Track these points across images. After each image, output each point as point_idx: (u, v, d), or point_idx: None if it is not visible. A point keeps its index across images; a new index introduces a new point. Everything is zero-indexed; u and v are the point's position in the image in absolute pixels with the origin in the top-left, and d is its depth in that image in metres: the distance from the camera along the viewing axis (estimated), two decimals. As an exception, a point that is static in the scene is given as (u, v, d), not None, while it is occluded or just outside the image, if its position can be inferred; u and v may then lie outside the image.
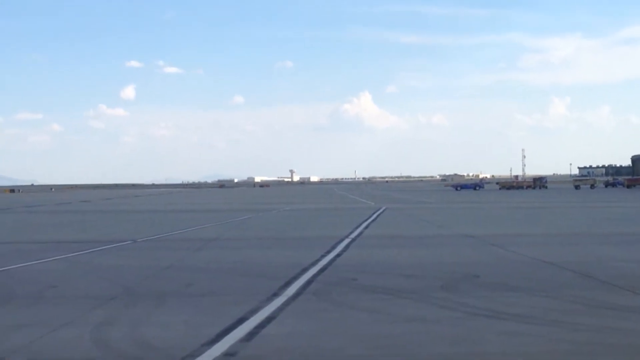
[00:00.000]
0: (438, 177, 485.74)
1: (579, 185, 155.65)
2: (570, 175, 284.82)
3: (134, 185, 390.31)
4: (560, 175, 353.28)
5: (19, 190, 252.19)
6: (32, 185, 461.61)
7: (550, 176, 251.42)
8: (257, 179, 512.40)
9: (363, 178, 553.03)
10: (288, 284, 18.76)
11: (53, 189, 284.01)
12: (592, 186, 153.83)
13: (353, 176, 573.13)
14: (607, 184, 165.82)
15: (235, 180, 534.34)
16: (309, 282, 19.08)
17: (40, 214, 69.68)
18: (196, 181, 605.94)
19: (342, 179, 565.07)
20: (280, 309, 15.25)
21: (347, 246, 29.30)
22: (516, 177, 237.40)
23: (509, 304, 15.46)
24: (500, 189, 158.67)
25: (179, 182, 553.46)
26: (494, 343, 12.12)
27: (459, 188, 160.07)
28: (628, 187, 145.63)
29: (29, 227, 49.23)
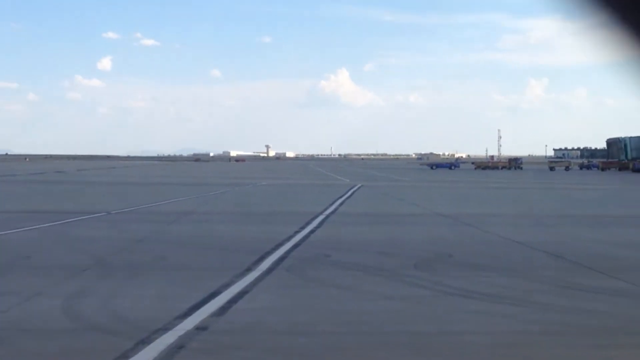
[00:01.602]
0: (414, 155, 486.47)
1: (554, 167, 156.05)
2: (546, 156, 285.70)
3: (109, 157, 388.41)
4: (535, 156, 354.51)
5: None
6: (7, 154, 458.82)
7: (525, 157, 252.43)
8: (233, 154, 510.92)
9: (339, 155, 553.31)
10: (262, 259, 18.77)
11: (28, 159, 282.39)
12: (567, 168, 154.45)
13: (329, 153, 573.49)
14: (582, 167, 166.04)
15: (211, 154, 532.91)
16: (282, 258, 19.09)
17: (14, 183, 69.30)
18: (172, 154, 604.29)
19: (318, 155, 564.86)
20: (253, 284, 15.26)
21: (322, 223, 29.34)
22: (492, 157, 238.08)
23: (481, 284, 15.54)
24: (475, 168, 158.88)
25: (155, 154, 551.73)
26: (465, 322, 12.18)
27: (434, 167, 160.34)
28: (602, 169, 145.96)
29: (2, 196, 49.00)
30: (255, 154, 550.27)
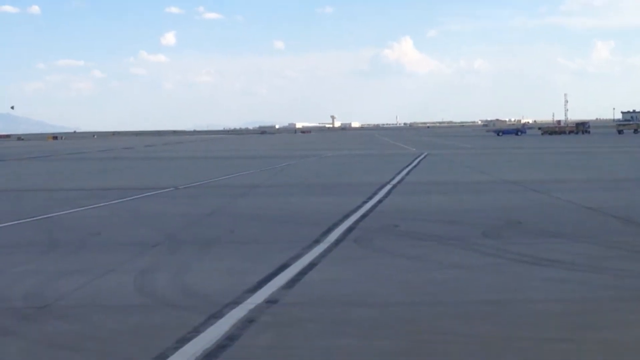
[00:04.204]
0: (480, 122, 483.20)
1: (622, 130, 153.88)
2: (614, 119, 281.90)
3: (175, 132, 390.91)
4: (603, 120, 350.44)
5: (61, 138, 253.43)
6: (75, 132, 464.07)
7: (593, 121, 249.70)
8: (299, 125, 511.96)
9: (404, 124, 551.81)
10: (329, 230, 18.77)
11: (95, 136, 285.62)
12: (636, 131, 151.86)
13: (394, 122, 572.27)
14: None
15: (277, 127, 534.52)
16: (350, 229, 19.06)
17: (83, 161, 70.06)
18: (238, 127, 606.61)
19: (384, 124, 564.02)
20: (322, 256, 15.26)
21: (389, 192, 29.25)
22: (558, 122, 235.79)
23: (551, 250, 15.37)
24: (542, 134, 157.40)
25: (221, 128, 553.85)
26: (537, 289, 12.06)
27: (500, 133, 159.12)
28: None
29: (72, 174, 49.53)
30: (321, 125, 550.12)
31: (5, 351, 9.39)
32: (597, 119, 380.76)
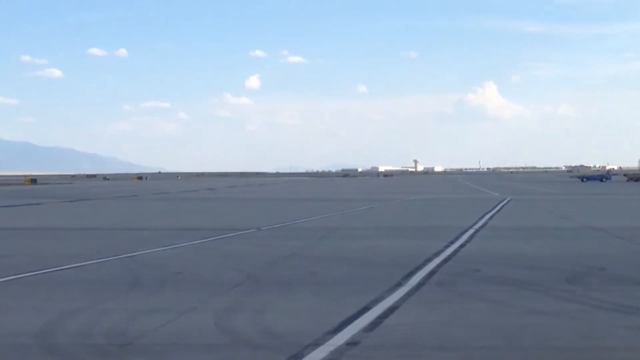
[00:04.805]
0: (564, 168, 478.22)
1: None
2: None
3: (258, 174, 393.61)
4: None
5: (146, 178, 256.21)
6: (159, 172, 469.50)
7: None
8: (381, 169, 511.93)
9: (487, 168, 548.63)
10: (411, 273, 18.72)
11: (179, 177, 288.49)
12: None
13: (477, 166, 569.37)
14: None
15: (359, 170, 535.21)
16: (432, 272, 19.02)
17: (167, 201, 70.81)
18: (320, 170, 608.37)
19: (466, 169, 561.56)
20: (403, 299, 15.22)
21: (471, 237, 29.10)
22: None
23: (636, 298, 15.15)
24: (627, 180, 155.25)
25: (303, 170, 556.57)
26: (621, 337, 11.89)
27: (585, 179, 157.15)
28: None
29: (156, 214, 50.08)
30: (404, 168, 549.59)
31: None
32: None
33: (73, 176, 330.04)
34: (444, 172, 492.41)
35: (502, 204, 56.11)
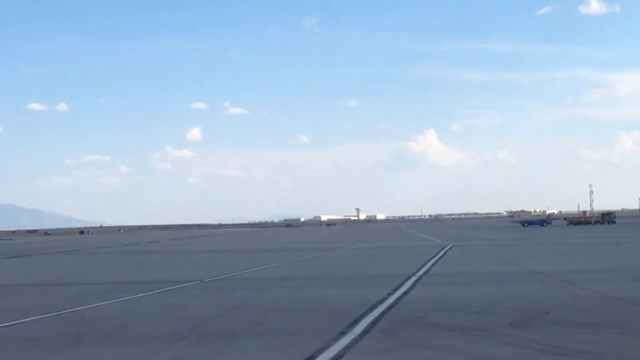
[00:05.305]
0: (505, 213, 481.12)
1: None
2: (639, 209, 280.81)
3: (201, 226, 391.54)
4: (629, 210, 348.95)
5: (88, 232, 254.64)
6: (101, 226, 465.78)
7: (618, 211, 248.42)
8: (324, 218, 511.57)
9: (429, 215, 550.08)
10: (355, 322, 18.70)
11: (121, 230, 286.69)
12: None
13: (419, 214, 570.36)
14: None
15: (302, 219, 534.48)
16: (376, 320, 19.01)
17: (109, 255, 70.27)
18: (263, 220, 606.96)
19: (409, 216, 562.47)
20: (348, 347, 15.19)
21: (414, 284, 29.16)
22: (584, 212, 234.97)
23: (580, 342, 15.25)
24: (568, 224, 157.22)
25: (246, 221, 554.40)
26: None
27: (526, 224, 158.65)
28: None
29: (98, 268, 49.62)
30: (346, 217, 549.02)
31: None
32: (622, 209, 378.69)
33: (14, 232, 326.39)
34: (387, 220, 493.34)
35: (444, 251, 56.38)
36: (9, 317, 21.86)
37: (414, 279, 31.38)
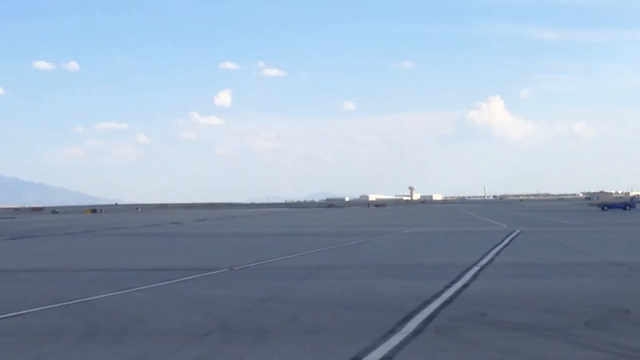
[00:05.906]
0: (581, 195, 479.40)
1: None
2: None
3: (230, 205, 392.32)
4: None
5: (101, 211, 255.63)
6: (116, 204, 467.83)
7: None
8: (372, 198, 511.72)
9: (494, 196, 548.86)
10: (407, 318, 18.70)
11: (139, 209, 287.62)
12: None
13: (482, 194, 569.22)
14: None
15: (346, 199, 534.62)
16: (431, 317, 19.00)
17: (124, 237, 70.48)
18: (301, 200, 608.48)
19: (470, 197, 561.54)
20: (397, 348, 15.20)
21: (475, 275, 29.10)
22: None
23: (666, 344, 15.18)
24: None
25: (282, 200, 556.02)
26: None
27: (605, 208, 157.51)
28: None
29: (112, 252, 49.83)
30: (397, 197, 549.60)
31: None
32: None
33: (17, 209, 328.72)
34: (444, 201, 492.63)
35: (510, 237, 56.14)
36: (11, 307, 22.04)
37: (475, 269, 31.31)
